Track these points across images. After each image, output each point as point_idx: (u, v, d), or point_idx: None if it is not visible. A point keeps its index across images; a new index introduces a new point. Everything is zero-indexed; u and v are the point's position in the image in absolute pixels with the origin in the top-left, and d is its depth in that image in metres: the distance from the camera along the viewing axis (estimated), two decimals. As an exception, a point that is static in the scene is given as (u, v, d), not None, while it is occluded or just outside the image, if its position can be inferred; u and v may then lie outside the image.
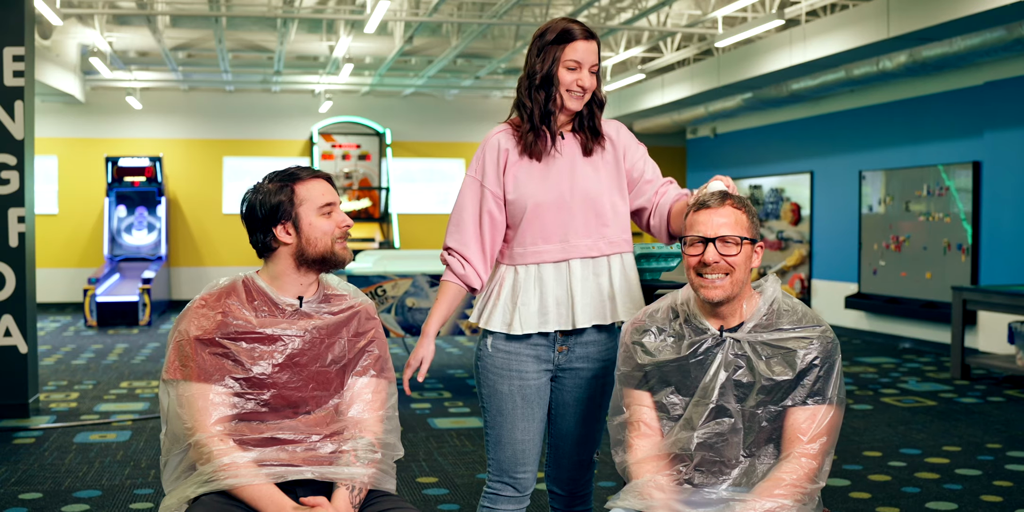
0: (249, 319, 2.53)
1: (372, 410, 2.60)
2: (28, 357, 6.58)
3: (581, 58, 2.78)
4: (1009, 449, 5.76)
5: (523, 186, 2.84)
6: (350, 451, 2.50)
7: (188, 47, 11.51)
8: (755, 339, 2.43)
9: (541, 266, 2.84)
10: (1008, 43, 7.80)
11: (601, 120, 2.91)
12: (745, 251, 2.45)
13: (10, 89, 6.56)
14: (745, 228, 2.46)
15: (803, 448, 2.35)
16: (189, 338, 2.49)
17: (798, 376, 2.39)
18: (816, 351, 2.40)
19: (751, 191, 13.28)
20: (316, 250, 2.58)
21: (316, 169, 2.64)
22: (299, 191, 2.57)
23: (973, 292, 8.06)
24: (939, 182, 9.73)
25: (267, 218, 2.56)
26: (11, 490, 4.89)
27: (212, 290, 2.60)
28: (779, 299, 2.50)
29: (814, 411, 2.38)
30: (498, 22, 9.69)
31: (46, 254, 13.69)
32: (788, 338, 2.42)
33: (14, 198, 6.56)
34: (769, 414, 2.41)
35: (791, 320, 2.46)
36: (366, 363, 2.65)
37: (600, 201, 2.84)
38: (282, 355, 2.53)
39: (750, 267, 2.48)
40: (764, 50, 10.18)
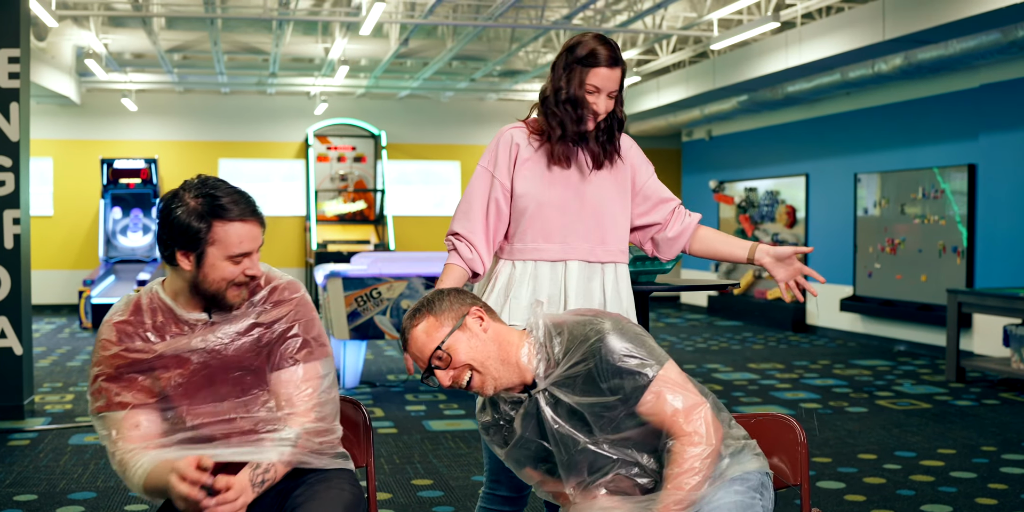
0: (151, 348, 2.42)
1: (301, 402, 2.47)
2: (23, 359, 6.57)
3: (601, 85, 2.83)
4: (1004, 452, 5.76)
5: (531, 185, 2.91)
6: (267, 439, 2.42)
7: (183, 49, 11.50)
8: (555, 379, 2.37)
9: (538, 263, 2.91)
10: (1003, 46, 7.81)
11: (617, 139, 2.96)
12: (459, 343, 2.36)
13: (5, 91, 6.55)
14: (437, 328, 2.38)
15: (673, 426, 2.31)
16: (101, 373, 2.43)
17: (610, 390, 2.33)
18: (602, 361, 2.32)
19: (746, 194, 13.29)
20: (207, 288, 2.42)
21: (251, 207, 2.43)
22: (217, 230, 2.37)
23: (968, 295, 8.07)
24: (934, 185, 9.74)
25: (173, 238, 2.38)
26: (6, 492, 4.88)
27: (116, 315, 2.48)
28: (548, 327, 2.42)
29: (648, 398, 2.31)
30: (493, 24, 9.69)
31: (41, 256, 13.66)
32: (575, 362, 2.34)
33: (9, 200, 6.56)
34: (622, 429, 2.36)
35: (565, 343, 2.38)
36: (287, 351, 2.50)
37: (603, 211, 2.92)
38: (191, 374, 2.43)
39: (482, 338, 2.38)
40: (759, 53, 10.19)
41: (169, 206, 2.39)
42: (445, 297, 2.44)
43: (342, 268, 7.72)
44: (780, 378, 8.39)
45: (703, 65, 11.51)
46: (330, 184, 14.93)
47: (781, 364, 9.22)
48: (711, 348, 10.42)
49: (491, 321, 2.44)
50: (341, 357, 7.79)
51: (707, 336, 11.52)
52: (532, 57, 12.50)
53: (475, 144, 15.64)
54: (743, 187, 13.42)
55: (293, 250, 15.16)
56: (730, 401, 7.29)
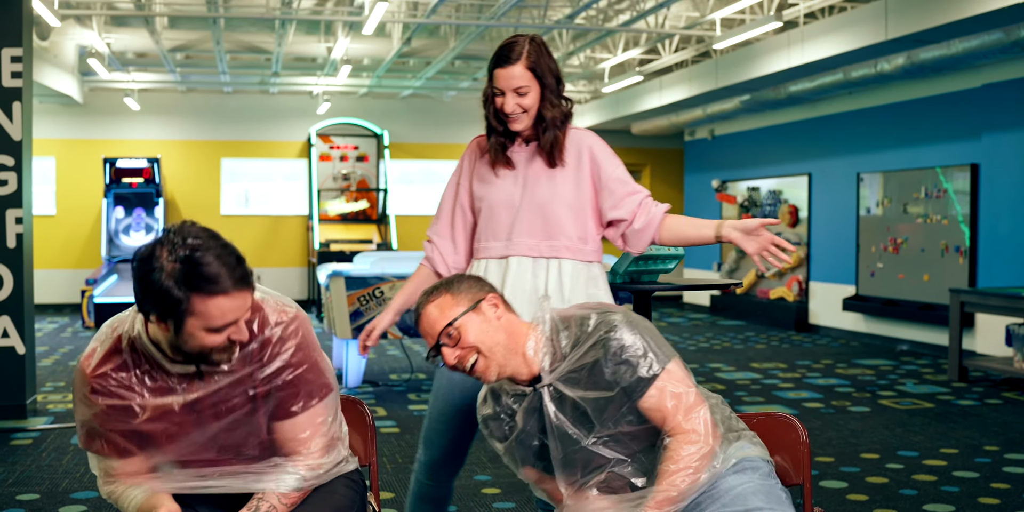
0: (133, 408, 2.26)
1: (303, 448, 2.38)
2: (26, 358, 6.58)
3: (502, 85, 2.94)
4: (1007, 451, 5.76)
5: (483, 188, 3.06)
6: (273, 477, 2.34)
7: (186, 48, 11.51)
8: (559, 375, 2.38)
9: (488, 261, 3.04)
10: (1006, 46, 7.80)
11: (556, 138, 3.01)
12: (470, 324, 2.38)
13: (8, 90, 6.56)
14: (452, 307, 2.40)
15: (672, 421, 2.31)
16: (87, 424, 2.31)
17: (614, 382, 2.33)
18: (609, 350, 2.34)
19: (749, 193, 13.28)
20: (188, 350, 2.21)
21: (239, 274, 2.13)
22: (197, 305, 2.10)
23: (971, 294, 8.06)
24: (937, 184, 9.74)
25: (148, 301, 2.13)
26: (8, 491, 4.89)
27: (92, 360, 2.29)
28: (555, 322, 2.44)
29: (651, 393, 2.32)
30: (496, 24, 9.69)
31: (44, 255, 13.67)
32: (583, 354, 2.36)
33: (12, 199, 6.56)
34: (625, 424, 2.36)
35: (572, 335, 2.39)
36: (285, 403, 2.35)
37: (549, 208, 2.99)
38: (182, 428, 2.30)
39: (494, 325, 2.40)
40: (762, 52, 10.18)
41: (144, 266, 2.10)
42: (465, 280, 2.47)
43: (345, 268, 7.72)
44: (783, 378, 8.39)
45: (705, 65, 11.51)
46: (333, 183, 14.94)
47: (784, 363, 9.22)
48: (714, 347, 10.42)
49: (505, 311, 2.45)
50: (344, 356, 7.80)
51: (710, 335, 11.52)
52: (534, 56, 12.48)
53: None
54: (746, 186, 13.42)
55: (295, 249, 15.16)
56: (733, 400, 7.29)
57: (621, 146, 16.29)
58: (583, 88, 14.48)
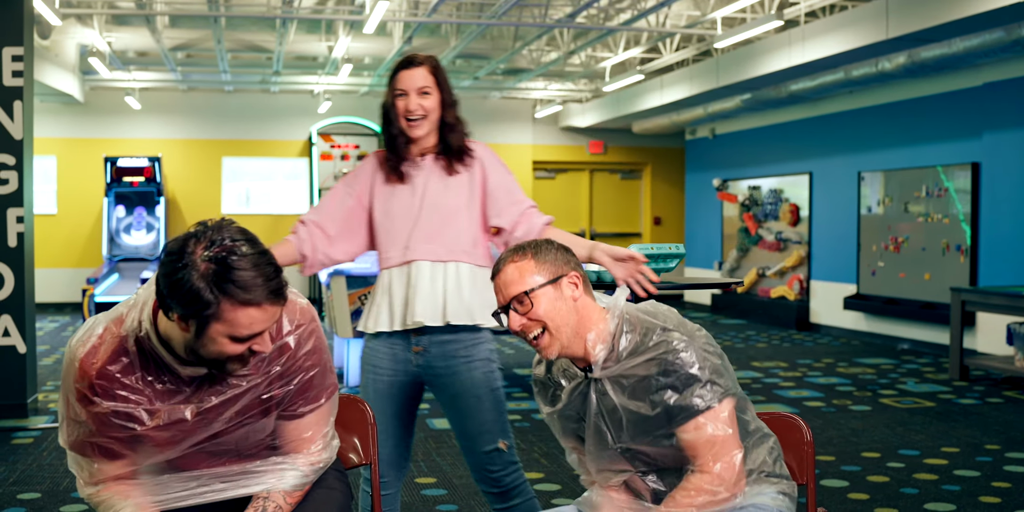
0: (139, 415, 2.13)
1: (304, 447, 2.35)
2: (27, 357, 6.58)
3: (405, 85, 3.06)
4: (1008, 450, 5.76)
5: (385, 202, 3.14)
6: (278, 476, 2.30)
7: (187, 47, 11.50)
8: (610, 374, 2.34)
9: (392, 270, 3.13)
10: (1007, 44, 7.80)
11: (458, 144, 3.16)
12: (545, 297, 2.33)
13: (9, 89, 6.56)
14: (533, 273, 2.34)
15: (702, 459, 2.27)
16: (79, 428, 2.17)
17: (658, 400, 2.29)
18: (669, 369, 2.28)
19: (750, 192, 13.28)
20: (203, 355, 2.07)
21: (274, 286, 2.00)
22: (226, 310, 1.97)
23: (972, 293, 8.06)
24: (938, 183, 9.73)
25: (172, 298, 1.99)
26: (9, 490, 4.89)
27: (91, 359, 2.14)
28: (627, 316, 2.37)
29: (696, 424, 2.27)
30: (497, 23, 9.68)
31: (45, 254, 13.66)
32: (637, 365, 2.31)
33: (13, 198, 6.56)
34: (660, 441, 2.32)
35: (637, 340, 2.33)
36: (294, 406, 2.30)
37: (445, 213, 3.10)
38: (186, 433, 2.20)
39: (569, 305, 2.34)
40: (763, 51, 10.18)
41: (175, 262, 1.96)
42: (555, 249, 2.39)
43: (345, 266, 7.72)
44: (784, 376, 8.39)
45: (706, 63, 11.50)
46: (333, 182, 14.88)
47: (785, 362, 9.22)
48: (714, 346, 10.40)
49: (583, 293, 2.38)
50: (345, 355, 7.79)
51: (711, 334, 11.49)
52: (535, 55, 12.49)
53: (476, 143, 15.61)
54: (747, 185, 13.41)
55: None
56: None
57: (622, 145, 16.30)
58: (584, 87, 14.48)
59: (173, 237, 2.05)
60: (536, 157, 16.05)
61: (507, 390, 7.65)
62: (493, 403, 3.13)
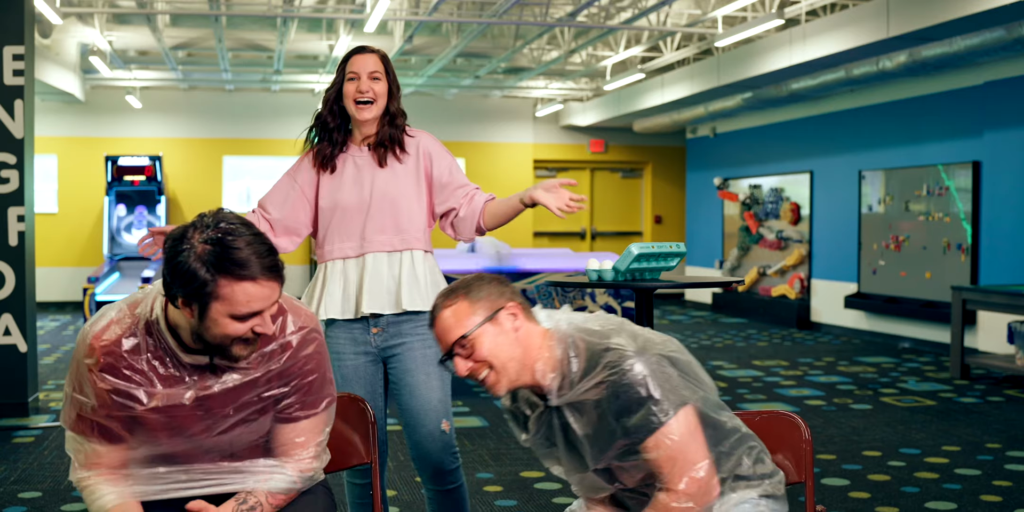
0: (139, 395, 2.20)
1: (296, 452, 2.37)
2: (27, 356, 6.58)
3: (358, 68, 3.19)
4: (1008, 449, 5.76)
5: (332, 194, 3.23)
6: (264, 476, 2.32)
7: (188, 46, 11.50)
8: (567, 401, 2.31)
9: (345, 261, 3.23)
10: (1008, 43, 7.79)
11: (398, 133, 3.25)
12: (486, 337, 2.29)
13: (10, 88, 6.56)
14: (469, 315, 2.30)
15: (667, 476, 2.25)
16: (80, 402, 2.23)
17: (615, 423, 2.25)
18: (615, 392, 2.23)
19: (751, 191, 13.28)
20: (209, 339, 2.16)
21: (270, 262, 2.11)
22: (223, 287, 2.07)
23: (973, 292, 8.06)
24: (939, 182, 9.73)
25: (175, 282, 2.10)
26: (10, 489, 4.89)
27: (103, 338, 2.22)
28: (568, 343, 2.31)
29: (655, 440, 2.23)
30: (498, 21, 9.68)
31: (46, 253, 13.67)
32: (587, 390, 2.26)
33: (14, 197, 6.56)
34: (627, 459, 2.30)
35: (585, 363, 2.28)
36: (291, 408, 2.33)
37: (397, 204, 3.21)
38: (182, 421, 2.24)
39: (511, 338, 2.30)
40: (764, 50, 10.18)
41: (176, 247, 2.09)
42: (485, 284, 2.35)
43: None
44: (784, 375, 8.39)
45: (707, 62, 11.50)
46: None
47: (785, 361, 9.22)
48: (715, 345, 10.42)
49: (524, 320, 2.33)
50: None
51: (711, 333, 11.52)
52: (536, 54, 12.49)
53: (479, 141, 15.64)
54: (747, 184, 13.41)
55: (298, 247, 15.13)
56: (734, 398, 7.29)
57: (623, 144, 16.30)
58: (585, 86, 14.47)
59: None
60: (537, 156, 16.05)
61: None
62: (441, 383, 3.23)
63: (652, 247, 3.97)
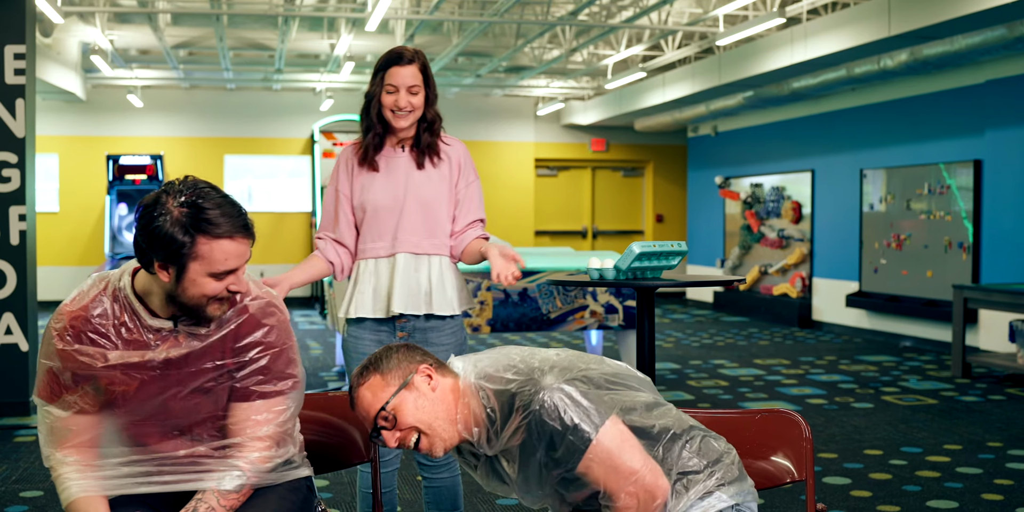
0: (103, 354, 2.27)
1: (253, 433, 2.36)
2: (29, 355, 6.59)
3: (397, 82, 3.19)
4: (1010, 447, 5.76)
5: (366, 192, 3.28)
6: (216, 475, 2.33)
7: (189, 45, 11.50)
8: (497, 451, 2.33)
9: (377, 261, 3.28)
10: (1009, 41, 7.79)
11: (440, 138, 3.32)
12: (405, 404, 2.29)
13: (11, 87, 6.56)
14: (383, 387, 2.31)
15: (607, 498, 2.26)
16: (48, 367, 2.31)
17: (546, 457, 2.27)
18: (535, 432, 2.24)
19: (752, 189, 13.28)
20: (185, 300, 2.25)
21: (241, 221, 2.23)
22: (201, 246, 2.18)
23: (974, 290, 8.06)
24: (940, 180, 9.73)
25: (152, 247, 2.19)
26: (12, 488, 4.90)
27: (74, 306, 2.31)
28: (482, 396, 2.31)
29: (585, 466, 2.24)
30: (499, 20, 9.68)
31: (47, 252, 13.68)
32: (509, 437, 2.28)
33: (15, 196, 6.57)
34: (575, 490, 2.31)
35: (499, 414, 2.28)
36: (250, 383, 2.36)
37: (430, 207, 3.27)
38: (142, 388, 2.29)
39: (430, 398, 2.31)
40: (765, 48, 10.18)
41: (151, 213, 2.18)
42: (393, 354, 2.35)
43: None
44: (786, 374, 8.38)
45: (709, 61, 11.50)
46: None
47: (787, 360, 9.22)
48: (717, 344, 10.42)
49: (440, 378, 2.34)
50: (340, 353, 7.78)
51: (713, 332, 11.51)
52: (538, 53, 12.49)
53: (481, 140, 15.64)
54: (749, 183, 13.41)
55: (299, 246, 15.17)
56: (736, 397, 7.29)
57: (624, 142, 16.30)
58: (586, 84, 14.47)
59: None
60: (538, 155, 16.05)
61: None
62: None
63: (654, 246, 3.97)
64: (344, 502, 4.71)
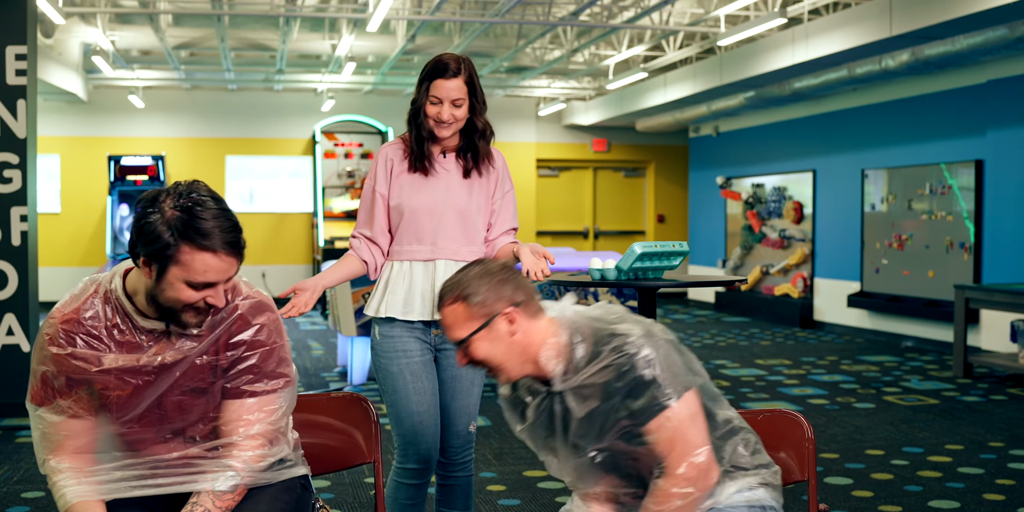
0: (98, 358, 2.27)
1: (246, 431, 2.36)
2: (30, 356, 6.58)
3: (442, 95, 3.20)
4: (1012, 448, 5.76)
5: (405, 194, 3.28)
6: (210, 475, 2.32)
7: (190, 46, 11.51)
8: (569, 386, 2.33)
9: (413, 263, 3.28)
10: (1011, 42, 7.79)
11: (485, 148, 3.34)
12: (481, 343, 2.34)
13: (12, 88, 6.56)
14: (466, 319, 2.35)
15: (668, 461, 2.27)
16: (41, 370, 2.32)
17: (620, 404, 2.28)
18: (627, 372, 2.27)
19: (753, 190, 13.27)
20: (162, 301, 2.24)
21: (232, 238, 2.21)
22: (184, 253, 2.17)
23: (975, 290, 8.06)
24: (942, 180, 9.72)
25: (139, 242, 2.20)
26: (14, 489, 4.90)
27: (66, 307, 2.32)
28: (573, 329, 2.36)
29: (658, 423, 2.26)
30: (500, 21, 9.68)
31: (48, 253, 13.69)
32: (593, 373, 2.30)
33: (16, 197, 6.57)
34: (630, 442, 2.31)
35: (591, 348, 2.32)
36: (241, 382, 2.36)
37: (468, 215, 3.30)
38: (135, 390, 2.30)
39: (506, 342, 2.34)
40: (766, 49, 10.17)
41: (145, 209, 2.19)
42: (484, 286, 2.36)
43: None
44: (787, 374, 8.38)
45: (710, 61, 11.49)
46: (337, 181, 14.93)
47: (788, 360, 9.21)
48: (718, 344, 10.41)
49: (524, 320, 2.36)
50: (349, 354, 7.80)
51: (714, 332, 11.51)
52: (539, 53, 12.49)
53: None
54: (750, 183, 13.41)
55: (300, 247, 15.17)
56: (737, 397, 7.29)
57: (626, 143, 16.30)
58: (587, 85, 14.47)
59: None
60: (540, 155, 16.05)
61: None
62: (479, 389, 3.40)
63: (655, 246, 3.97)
64: (345, 503, 4.70)
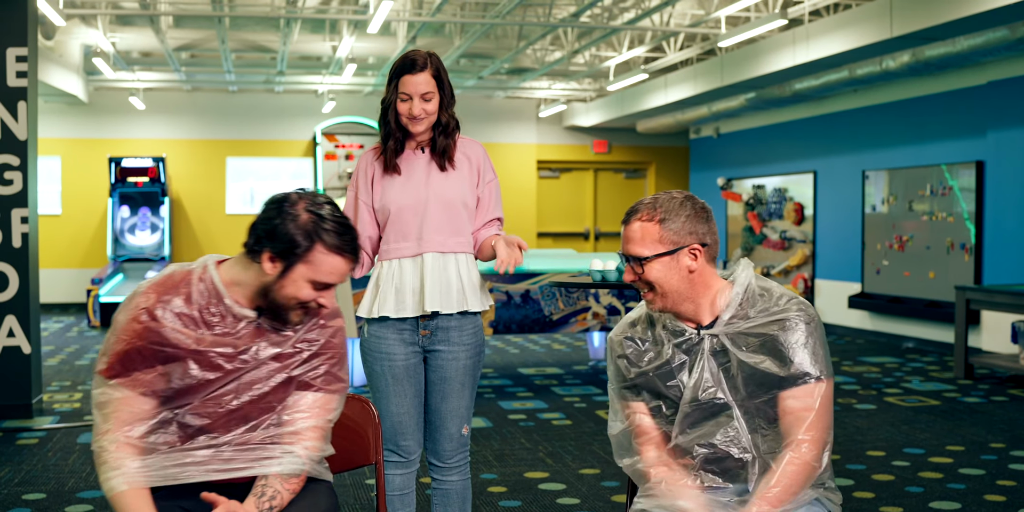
0: (186, 340, 2.32)
1: (303, 424, 2.42)
2: (31, 358, 6.59)
3: (411, 90, 3.20)
4: (1013, 448, 5.75)
5: (387, 195, 3.30)
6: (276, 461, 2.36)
7: (191, 47, 11.52)
8: (732, 331, 2.37)
9: (401, 260, 3.29)
10: (1011, 43, 7.79)
11: (455, 141, 3.35)
12: (659, 266, 2.37)
13: (13, 90, 6.56)
14: (655, 240, 2.38)
15: (802, 435, 2.29)
16: (125, 342, 2.33)
17: (781, 361, 2.32)
18: (794, 332, 2.33)
19: (754, 191, 13.27)
20: (276, 299, 2.35)
21: (355, 244, 2.36)
22: (316, 254, 2.31)
23: (976, 291, 8.05)
24: (942, 182, 9.72)
25: (271, 240, 2.31)
26: (15, 491, 4.90)
27: (161, 285, 2.38)
28: (752, 285, 2.43)
29: (806, 391, 2.31)
30: (501, 22, 9.69)
31: (49, 254, 13.69)
32: (765, 323, 2.35)
33: (17, 199, 6.57)
34: (763, 403, 2.35)
35: (765, 304, 2.38)
36: (309, 377, 2.45)
37: (452, 205, 3.29)
38: (216, 380, 2.36)
39: (682, 275, 2.38)
40: (767, 50, 10.18)
41: (282, 209, 2.32)
42: (684, 217, 2.40)
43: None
44: (788, 375, 8.37)
45: (711, 62, 11.50)
46: (338, 182, 14.94)
47: (789, 361, 9.20)
48: (719, 345, 10.40)
49: (704, 262, 2.41)
50: (350, 355, 7.78)
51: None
52: (540, 55, 12.49)
53: (483, 142, 15.54)
54: (751, 184, 13.41)
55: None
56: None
57: (626, 144, 16.30)
58: (588, 86, 14.47)
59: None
60: (540, 156, 16.05)
61: (510, 390, 7.65)
62: (471, 391, 3.37)
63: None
64: (346, 504, 4.71)
